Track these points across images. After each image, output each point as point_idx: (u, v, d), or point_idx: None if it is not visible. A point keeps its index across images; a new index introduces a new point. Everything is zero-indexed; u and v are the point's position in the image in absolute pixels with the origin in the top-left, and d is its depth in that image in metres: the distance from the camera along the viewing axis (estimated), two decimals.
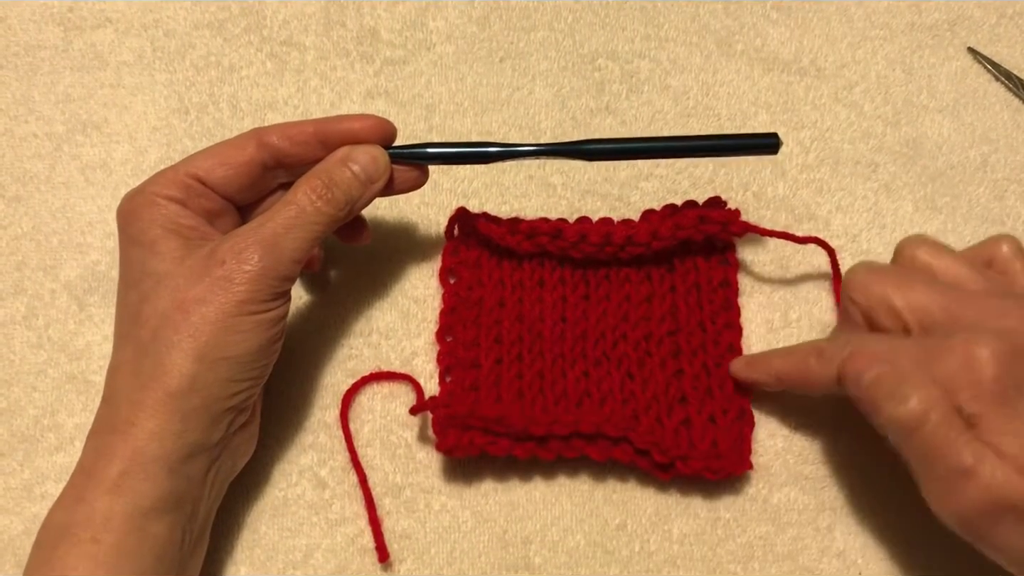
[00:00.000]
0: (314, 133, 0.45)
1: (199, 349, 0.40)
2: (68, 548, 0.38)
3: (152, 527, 0.40)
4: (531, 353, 0.50)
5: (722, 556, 0.48)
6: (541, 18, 0.60)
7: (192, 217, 0.44)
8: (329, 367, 0.52)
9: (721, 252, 0.52)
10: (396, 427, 0.51)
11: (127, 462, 0.39)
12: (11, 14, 0.60)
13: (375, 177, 0.45)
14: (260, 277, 0.41)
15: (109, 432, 0.41)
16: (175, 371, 0.40)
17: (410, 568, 0.48)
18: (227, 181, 0.45)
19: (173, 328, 0.40)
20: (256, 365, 0.43)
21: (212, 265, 0.41)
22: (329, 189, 0.43)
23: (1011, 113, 0.57)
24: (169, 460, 0.40)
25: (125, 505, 0.39)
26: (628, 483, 0.49)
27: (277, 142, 0.45)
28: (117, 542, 0.39)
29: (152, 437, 0.40)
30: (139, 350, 0.41)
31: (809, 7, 0.60)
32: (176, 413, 0.40)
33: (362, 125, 0.46)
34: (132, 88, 0.59)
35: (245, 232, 0.42)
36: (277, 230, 0.42)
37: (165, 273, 0.42)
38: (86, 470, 0.40)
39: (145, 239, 0.42)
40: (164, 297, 0.41)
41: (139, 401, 0.40)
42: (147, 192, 0.43)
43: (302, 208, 0.43)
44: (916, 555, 0.48)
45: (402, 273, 0.54)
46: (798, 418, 0.51)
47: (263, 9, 0.60)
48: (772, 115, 0.57)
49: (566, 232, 0.51)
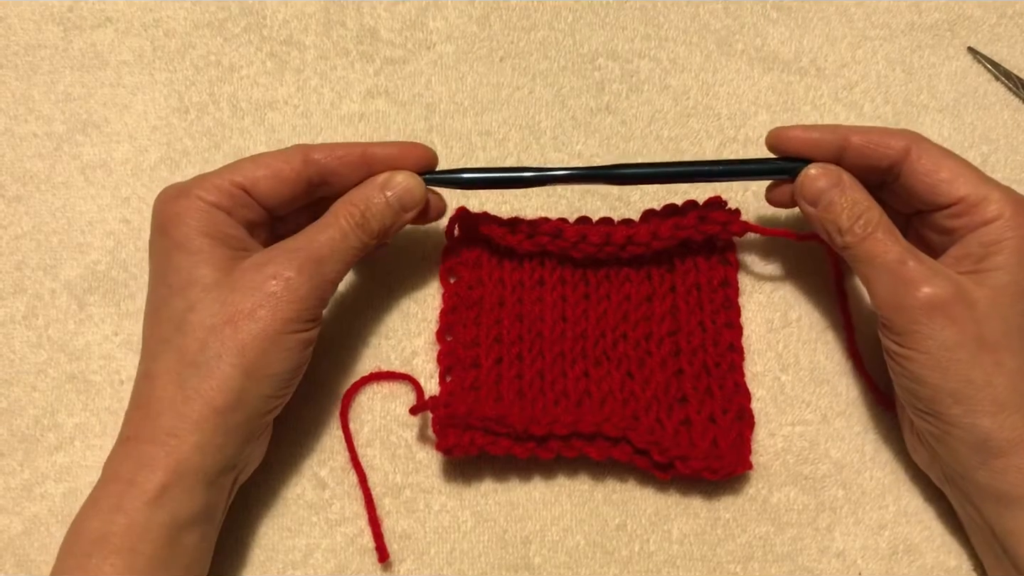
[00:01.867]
0: (361, 157, 0.46)
1: (247, 365, 0.41)
2: (104, 557, 0.39)
3: (186, 538, 0.40)
4: (531, 353, 0.50)
5: (722, 556, 0.48)
6: (541, 18, 0.60)
7: (236, 227, 0.44)
8: (329, 367, 0.52)
9: (721, 252, 0.52)
10: (396, 427, 0.51)
11: (169, 475, 0.40)
12: (11, 14, 0.60)
13: (409, 206, 0.46)
14: (307, 297, 0.42)
15: (149, 442, 0.40)
16: (224, 387, 0.40)
17: (410, 568, 0.48)
18: (272, 193, 0.45)
19: (220, 341, 0.41)
20: (292, 382, 0.44)
21: (262, 280, 0.41)
22: (365, 218, 0.44)
23: (1011, 113, 0.57)
24: (208, 473, 0.41)
25: (164, 517, 0.39)
26: (628, 483, 0.49)
27: (324, 161, 0.45)
28: (154, 553, 0.39)
29: (195, 451, 0.40)
30: (184, 360, 0.41)
31: (809, 7, 0.60)
32: (220, 428, 0.40)
33: (409, 154, 0.47)
34: (132, 87, 0.59)
35: (294, 250, 0.43)
36: (323, 252, 0.43)
37: (214, 283, 0.42)
38: (124, 479, 0.40)
39: (192, 246, 0.42)
40: (213, 309, 0.41)
41: (183, 414, 0.40)
42: (191, 196, 0.43)
43: (344, 232, 0.44)
44: (916, 555, 0.48)
45: (402, 273, 0.54)
46: (798, 418, 0.51)
47: (263, 9, 0.60)
48: (772, 115, 0.57)
49: (566, 232, 0.51)
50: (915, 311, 0.42)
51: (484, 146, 0.57)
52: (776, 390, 0.51)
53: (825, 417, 0.50)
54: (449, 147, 0.57)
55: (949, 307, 0.41)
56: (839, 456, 0.50)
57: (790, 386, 0.51)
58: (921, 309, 0.42)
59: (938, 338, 0.41)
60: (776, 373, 0.51)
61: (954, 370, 0.41)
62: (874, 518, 0.49)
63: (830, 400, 0.51)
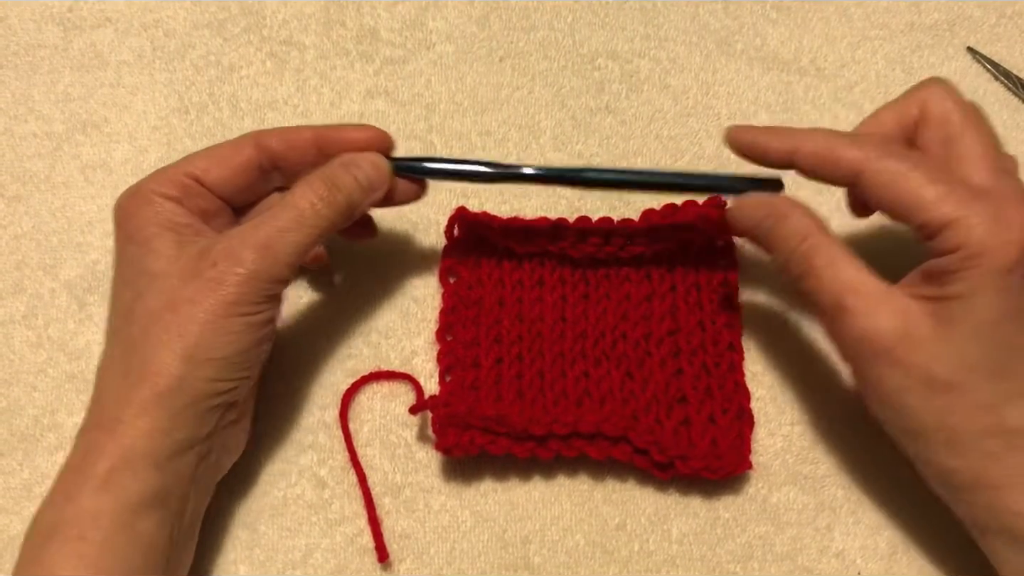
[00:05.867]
0: (313, 139, 0.45)
1: (187, 349, 0.40)
2: (57, 546, 0.38)
3: (140, 524, 0.40)
4: (531, 352, 0.50)
5: (721, 556, 0.48)
6: (541, 18, 0.60)
7: (188, 216, 0.44)
8: (329, 366, 0.52)
9: (721, 252, 0.52)
10: (396, 426, 0.51)
11: (115, 459, 0.39)
12: (11, 14, 0.60)
13: (377, 185, 0.45)
14: (251, 279, 0.41)
15: (97, 429, 0.41)
16: (163, 371, 0.40)
17: (409, 568, 0.48)
18: (224, 181, 0.45)
19: (163, 327, 0.40)
20: (244, 365, 0.43)
21: (204, 266, 0.41)
22: (331, 192, 0.43)
23: (1011, 113, 0.57)
24: (157, 457, 0.40)
25: (113, 502, 0.39)
26: (627, 483, 0.49)
27: (275, 145, 0.45)
28: (105, 539, 0.39)
29: (140, 434, 0.40)
30: (128, 348, 0.41)
31: (809, 7, 0.60)
32: (164, 411, 0.40)
33: (361, 135, 0.46)
34: (132, 88, 0.59)
35: (239, 233, 0.42)
36: (272, 232, 0.42)
37: (159, 272, 0.42)
38: (74, 467, 0.40)
39: (141, 237, 0.42)
40: (156, 296, 0.41)
41: (127, 399, 0.40)
42: (144, 190, 0.43)
43: (301, 211, 0.43)
44: (915, 556, 0.48)
45: (402, 272, 0.54)
46: (798, 417, 0.51)
47: (263, 9, 0.60)
48: (772, 115, 0.57)
49: (566, 232, 0.51)
50: (856, 355, 0.41)
51: (484, 146, 0.57)
52: (776, 390, 0.51)
53: (825, 417, 0.50)
54: (449, 147, 0.57)
55: (892, 350, 0.39)
56: (839, 456, 0.50)
57: (790, 386, 0.51)
58: (862, 354, 0.40)
59: (883, 382, 0.40)
60: (776, 373, 0.51)
61: (904, 412, 0.40)
62: (874, 518, 0.49)
63: (830, 400, 0.51)
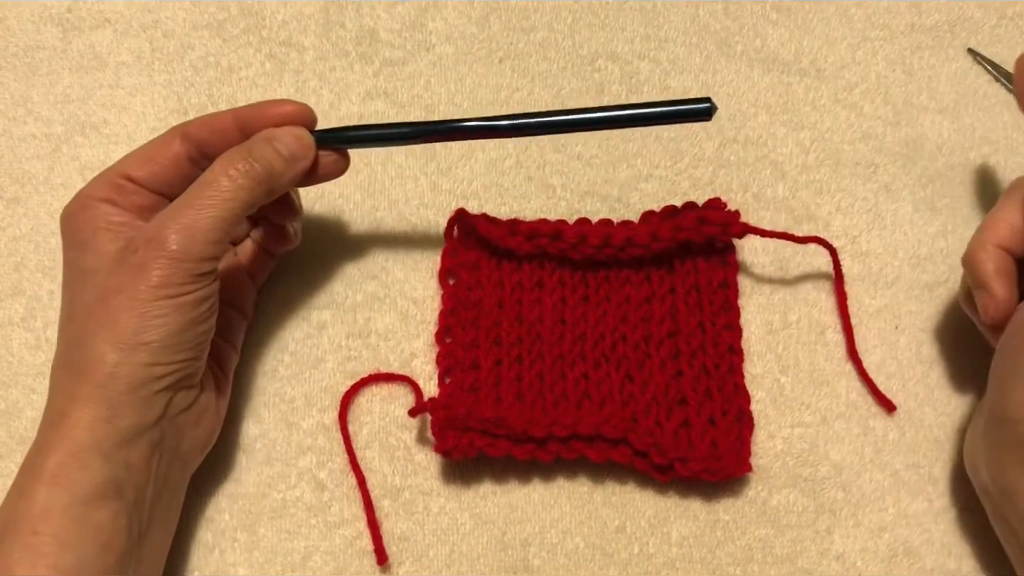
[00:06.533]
0: (233, 120, 0.45)
1: (119, 337, 0.41)
2: (11, 543, 0.39)
3: (93, 516, 0.40)
4: (530, 355, 0.50)
5: (721, 558, 0.48)
6: (540, 19, 0.60)
7: (123, 214, 0.44)
8: (328, 369, 0.52)
9: (721, 253, 0.52)
10: (395, 429, 0.50)
11: (62, 453, 0.40)
12: (10, 14, 0.60)
13: (299, 155, 0.45)
14: (174, 260, 0.41)
15: (47, 427, 0.41)
16: (98, 361, 0.40)
17: (409, 570, 0.48)
18: (154, 176, 0.45)
19: (95, 320, 0.41)
20: (182, 347, 0.42)
21: (127, 254, 0.42)
22: (249, 164, 0.43)
23: (1011, 114, 0.57)
24: (102, 447, 0.40)
25: (62, 496, 0.39)
26: (627, 485, 0.49)
27: (199, 134, 0.45)
28: (56, 533, 0.39)
29: (84, 426, 0.40)
30: (70, 344, 0.42)
31: (809, 8, 0.60)
32: (104, 401, 0.40)
33: (281, 110, 0.46)
34: (131, 89, 0.58)
35: (159, 217, 0.43)
36: (190, 211, 0.42)
37: (90, 268, 0.42)
38: (27, 465, 0.41)
39: (78, 240, 0.43)
40: (90, 291, 0.42)
41: (72, 394, 0.41)
42: (82, 196, 0.44)
43: (218, 185, 0.43)
44: (915, 558, 0.48)
45: (401, 274, 0.54)
46: (797, 420, 0.51)
47: (262, 10, 0.60)
48: (772, 116, 0.57)
49: (565, 234, 0.51)
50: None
51: (484, 146, 0.57)
52: (776, 392, 0.51)
53: (825, 419, 0.50)
54: (449, 147, 0.57)
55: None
56: (839, 458, 0.50)
57: (789, 388, 0.51)
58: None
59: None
60: (776, 375, 0.51)
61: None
62: (874, 520, 0.48)
63: (830, 402, 0.51)
